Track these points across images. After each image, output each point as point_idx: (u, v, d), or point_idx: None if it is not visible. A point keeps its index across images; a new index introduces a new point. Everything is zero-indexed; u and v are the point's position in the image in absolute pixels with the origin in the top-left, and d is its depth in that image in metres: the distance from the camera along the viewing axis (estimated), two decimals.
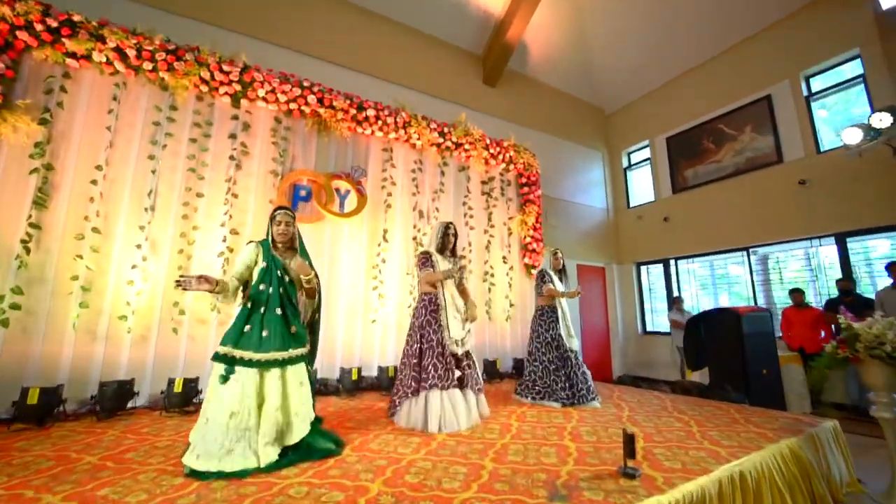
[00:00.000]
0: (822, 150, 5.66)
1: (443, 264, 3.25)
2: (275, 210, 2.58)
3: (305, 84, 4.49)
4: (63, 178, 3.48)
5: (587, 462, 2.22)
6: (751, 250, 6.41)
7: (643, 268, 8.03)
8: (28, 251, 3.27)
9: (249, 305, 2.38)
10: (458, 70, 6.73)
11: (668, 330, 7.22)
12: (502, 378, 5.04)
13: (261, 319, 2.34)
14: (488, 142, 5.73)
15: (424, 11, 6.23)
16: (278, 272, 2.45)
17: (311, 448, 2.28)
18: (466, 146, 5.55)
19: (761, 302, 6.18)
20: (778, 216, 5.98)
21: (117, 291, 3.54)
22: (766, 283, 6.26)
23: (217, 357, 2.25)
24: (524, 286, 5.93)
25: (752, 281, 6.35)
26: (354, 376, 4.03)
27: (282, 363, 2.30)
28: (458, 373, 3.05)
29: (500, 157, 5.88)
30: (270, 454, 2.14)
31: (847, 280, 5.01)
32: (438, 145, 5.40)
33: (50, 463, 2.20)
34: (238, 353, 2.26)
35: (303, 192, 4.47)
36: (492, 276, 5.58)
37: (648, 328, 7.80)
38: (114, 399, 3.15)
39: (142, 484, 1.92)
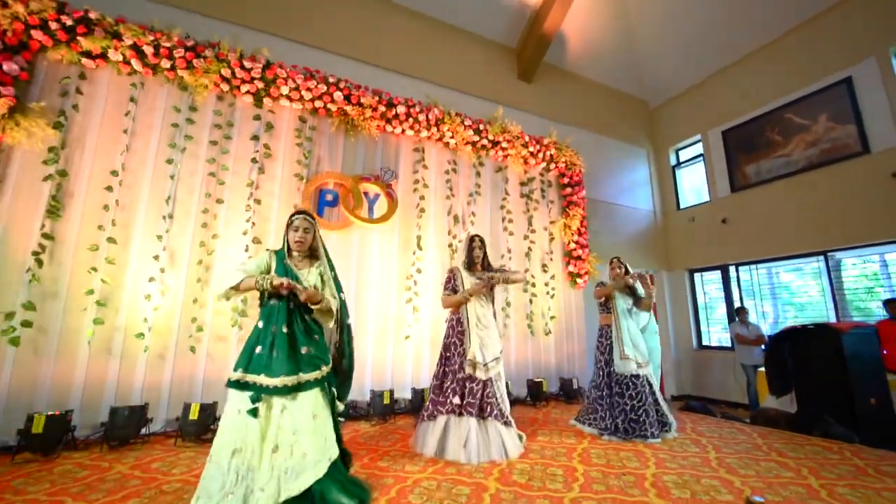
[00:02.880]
0: None
1: (469, 281, 2.99)
2: (293, 214, 2.22)
3: (331, 80, 4.17)
4: (77, 185, 3.26)
5: None
6: (829, 255, 5.61)
7: (697, 275, 7.28)
8: (40, 264, 3.04)
9: (261, 324, 2.03)
10: (491, 65, 6.29)
11: (728, 344, 6.48)
12: (548, 401, 4.49)
13: (271, 340, 1.98)
14: (527, 139, 5.24)
15: (454, 3, 5.84)
16: None
17: (324, 502, 1.84)
18: (504, 144, 5.09)
19: (850, 314, 5.36)
20: (865, 215, 5.18)
21: (133, 306, 3.27)
22: (844, 291, 5.44)
23: (234, 384, 1.91)
24: (568, 297, 5.37)
25: (832, 289, 5.55)
26: (386, 400, 3.61)
27: (289, 390, 1.91)
28: (472, 399, 2.74)
29: (540, 155, 5.38)
30: None
31: None
32: (473, 144, 4.96)
33: None
34: (250, 378, 1.91)
35: (329, 197, 4.12)
36: (533, 286, 5.06)
37: (705, 342, 7.03)
38: (125, 427, 2.84)
39: None
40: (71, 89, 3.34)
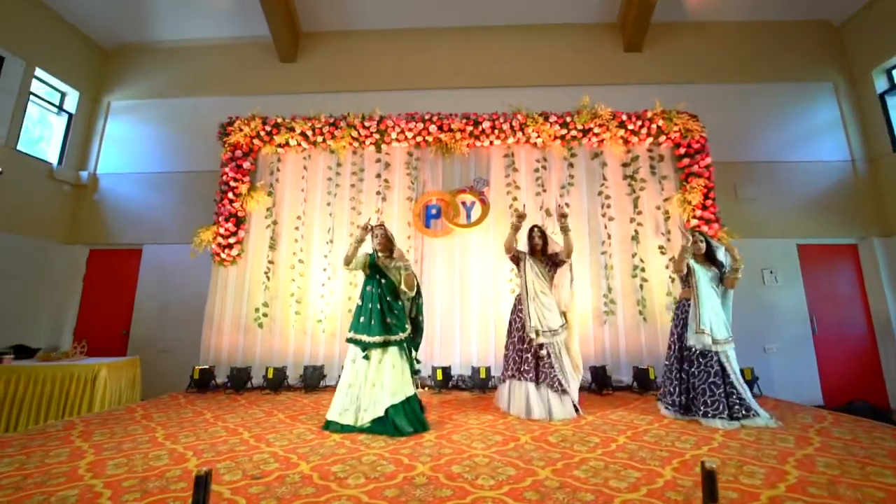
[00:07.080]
0: None
1: (531, 268, 3.45)
2: (373, 227, 3.24)
3: (427, 117, 5.13)
4: (282, 228, 5.16)
5: (663, 496, 1.82)
6: None
7: None
8: (268, 278, 5.00)
9: (361, 302, 3.13)
10: (587, 49, 6.20)
11: None
12: (658, 389, 4.27)
13: (369, 312, 3.04)
14: (624, 118, 5.03)
15: (539, 4, 6.05)
16: (377, 276, 3.15)
17: (389, 422, 2.77)
18: (596, 129, 5.05)
19: None
20: None
21: (315, 303, 4.95)
22: None
23: (349, 340, 3.07)
24: None
25: None
26: (483, 374, 4.29)
27: (381, 345, 2.94)
28: (527, 367, 3.25)
29: (644, 131, 5.05)
30: (364, 419, 2.82)
31: None
32: (562, 137, 5.12)
33: (282, 416, 3.36)
34: (357, 336, 3.01)
35: (433, 211, 5.08)
36: (642, 270, 4.82)
37: None
38: (312, 378, 4.44)
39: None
40: (274, 169, 5.31)
